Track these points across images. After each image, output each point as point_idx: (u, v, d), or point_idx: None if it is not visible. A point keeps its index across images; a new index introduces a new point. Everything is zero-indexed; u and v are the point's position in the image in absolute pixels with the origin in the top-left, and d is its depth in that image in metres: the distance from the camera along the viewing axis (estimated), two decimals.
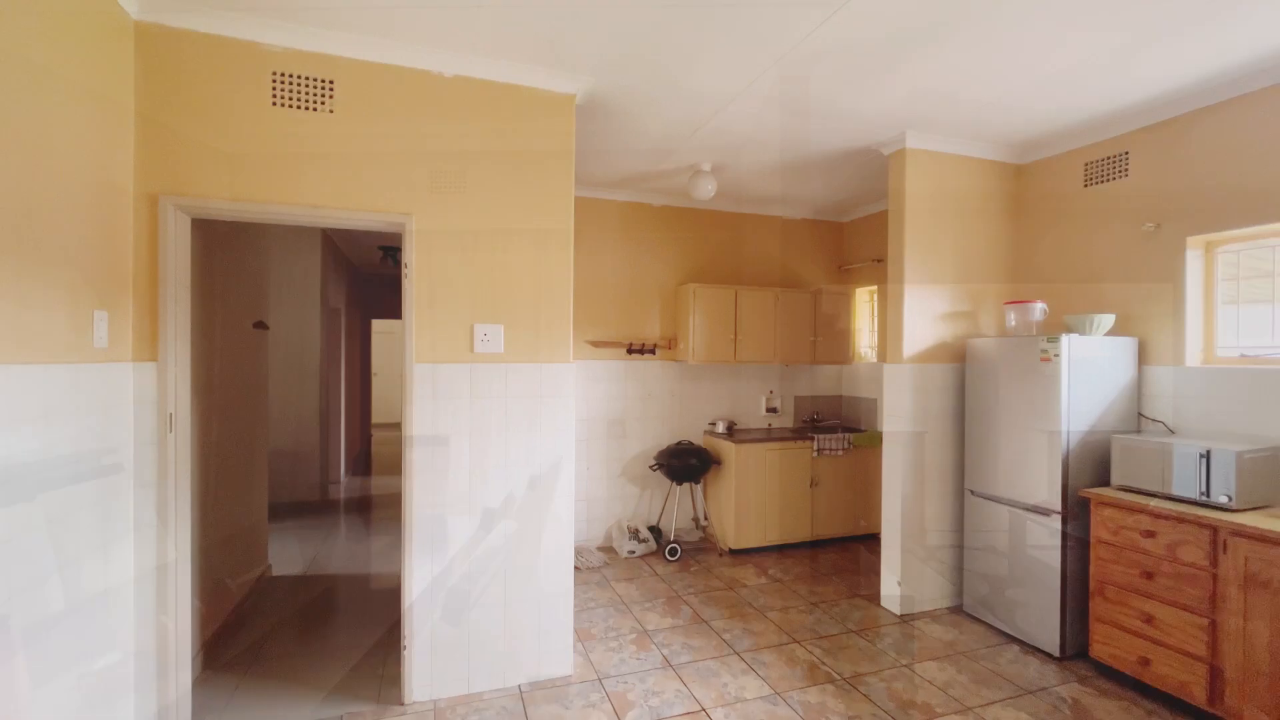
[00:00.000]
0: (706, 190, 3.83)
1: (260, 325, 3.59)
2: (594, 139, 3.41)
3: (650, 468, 4.51)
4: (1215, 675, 2.30)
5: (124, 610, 2.09)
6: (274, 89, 2.31)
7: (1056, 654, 2.87)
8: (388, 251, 6.36)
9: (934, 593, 3.45)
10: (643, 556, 4.32)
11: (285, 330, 5.53)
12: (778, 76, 2.65)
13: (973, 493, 3.32)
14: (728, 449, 4.38)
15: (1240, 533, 2.23)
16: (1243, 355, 2.73)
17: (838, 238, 5.31)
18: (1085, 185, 3.26)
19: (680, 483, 4.39)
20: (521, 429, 2.64)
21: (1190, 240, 2.82)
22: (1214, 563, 2.31)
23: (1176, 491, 2.51)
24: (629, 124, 3.21)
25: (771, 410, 5.01)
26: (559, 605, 2.71)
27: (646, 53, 2.47)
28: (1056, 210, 3.41)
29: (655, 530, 4.56)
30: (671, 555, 4.23)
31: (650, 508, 4.70)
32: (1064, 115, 3.01)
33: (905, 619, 3.32)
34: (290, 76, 2.33)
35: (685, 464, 4.32)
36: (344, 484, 6.61)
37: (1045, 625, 2.91)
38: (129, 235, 2.15)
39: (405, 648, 2.48)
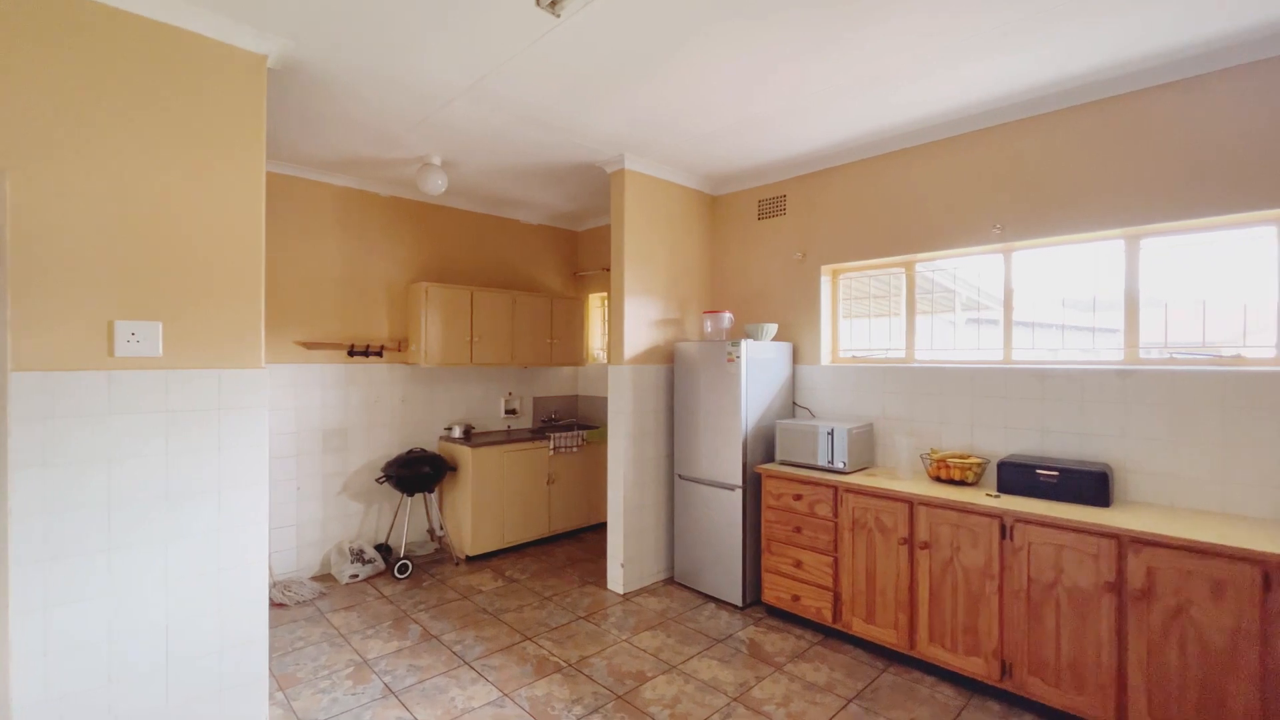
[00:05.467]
0: (436, 185, 3.66)
1: None
2: (301, 110, 2.99)
3: (377, 480, 4.14)
4: (837, 599, 3.04)
5: None
6: None
7: (740, 604, 3.47)
8: None
9: (652, 568, 3.86)
10: (368, 579, 3.93)
11: None
12: (503, 82, 2.67)
13: (681, 477, 3.81)
14: (464, 453, 4.27)
15: (850, 489, 2.99)
16: (853, 356, 3.67)
17: (573, 245, 5.59)
18: (759, 218, 4.02)
19: (412, 493, 4.12)
20: (192, 450, 2.17)
21: (823, 268, 3.69)
22: (836, 514, 3.05)
23: (818, 462, 3.24)
24: (343, 102, 2.89)
25: (511, 412, 5.04)
26: (249, 654, 2.30)
27: (354, 26, 2.26)
28: (740, 236, 4.13)
29: (384, 548, 4.20)
30: (401, 572, 3.94)
31: (378, 524, 4.31)
32: (746, 159, 3.65)
33: (627, 597, 3.66)
34: None
35: (417, 473, 4.07)
36: None
37: (731, 582, 3.49)
38: None
39: None
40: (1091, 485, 2.47)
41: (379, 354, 4.24)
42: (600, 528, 5.08)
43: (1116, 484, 2.62)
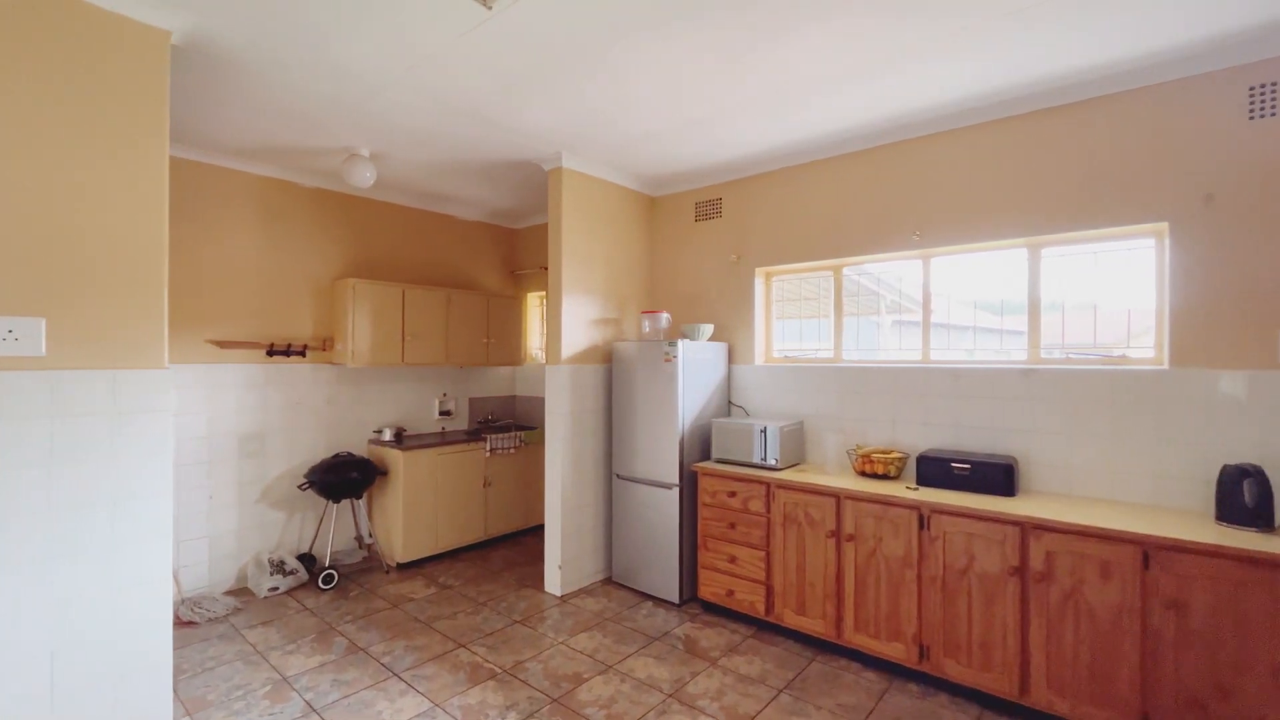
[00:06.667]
0: (364, 177, 3.51)
1: None
2: (212, 93, 2.80)
3: (300, 487, 3.92)
4: (769, 592, 3.13)
5: None
6: None
7: (677, 601, 3.50)
8: None
9: (590, 569, 3.85)
10: (290, 591, 3.72)
11: None
12: (434, 73, 2.59)
13: (618, 476, 3.82)
14: (395, 457, 4.11)
15: (782, 485, 3.08)
16: (786, 356, 3.78)
17: (511, 243, 5.49)
18: (696, 220, 4.08)
19: (338, 500, 3.93)
20: (82, 458, 1.99)
21: (757, 270, 3.78)
22: (768, 509, 3.13)
23: (752, 460, 3.32)
24: (259, 86, 2.72)
25: (445, 413, 4.89)
26: (151, 679, 2.13)
27: (268, 4, 2.13)
28: (678, 237, 4.18)
29: (307, 558, 3.98)
30: (327, 583, 3.75)
31: (301, 533, 4.09)
32: (682, 161, 3.70)
33: (565, 599, 3.63)
34: None
35: (344, 478, 3.88)
36: None
37: (668, 579, 3.53)
38: None
39: None
40: (999, 476, 2.65)
41: (301, 353, 4.02)
42: (538, 530, 5.01)
43: (1021, 475, 2.82)
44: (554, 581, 3.69)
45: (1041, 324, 2.90)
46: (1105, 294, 2.78)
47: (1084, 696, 2.26)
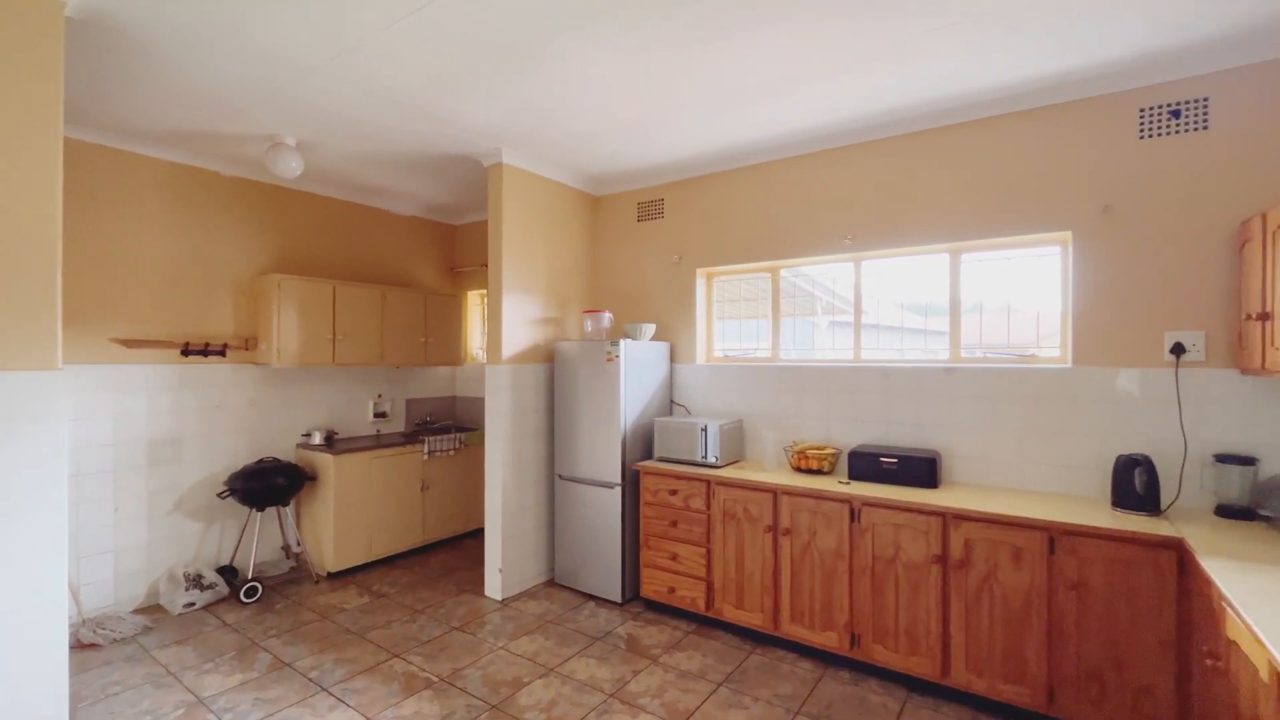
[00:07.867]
0: (290, 167, 3.33)
1: None
2: (116, 71, 2.59)
3: (220, 495, 3.68)
4: (710, 588, 3.18)
5: None
6: None
7: (619, 601, 3.51)
8: None
9: (532, 571, 3.80)
10: (208, 607, 3.49)
11: None
12: (365, 62, 2.49)
13: (560, 476, 3.78)
14: (325, 462, 3.93)
15: (722, 483, 3.13)
16: (726, 355, 3.85)
17: (450, 240, 5.35)
18: (638, 220, 4.09)
19: (262, 508, 3.72)
20: None
21: (698, 271, 3.84)
22: (709, 507, 3.18)
23: (694, 457, 3.35)
24: (169, 65, 2.54)
25: (380, 415, 4.71)
26: (43, 708, 1.95)
27: None
28: (620, 237, 4.18)
29: (228, 570, 3.75)
30: (249, 596, 3.55)
31: (221, 544, 3.84)
32: (625, 161, 3.70)
33: (506, 602, 3.56)
34: None
35: (269, 485, 3.67)
36: None
37: (611, 579, 3.53)
38: None
39: None
40: (923, 470, 2.79)
41: (221, 353, 3.77)
42: (479, 533, 4.90)
43: (944, 468, 2.98)
44: (494, 585, 3.62)
45: (961, 325, 3.07)
46: (1018, 297, 2.97)
47: (998, 674, 2.41)
